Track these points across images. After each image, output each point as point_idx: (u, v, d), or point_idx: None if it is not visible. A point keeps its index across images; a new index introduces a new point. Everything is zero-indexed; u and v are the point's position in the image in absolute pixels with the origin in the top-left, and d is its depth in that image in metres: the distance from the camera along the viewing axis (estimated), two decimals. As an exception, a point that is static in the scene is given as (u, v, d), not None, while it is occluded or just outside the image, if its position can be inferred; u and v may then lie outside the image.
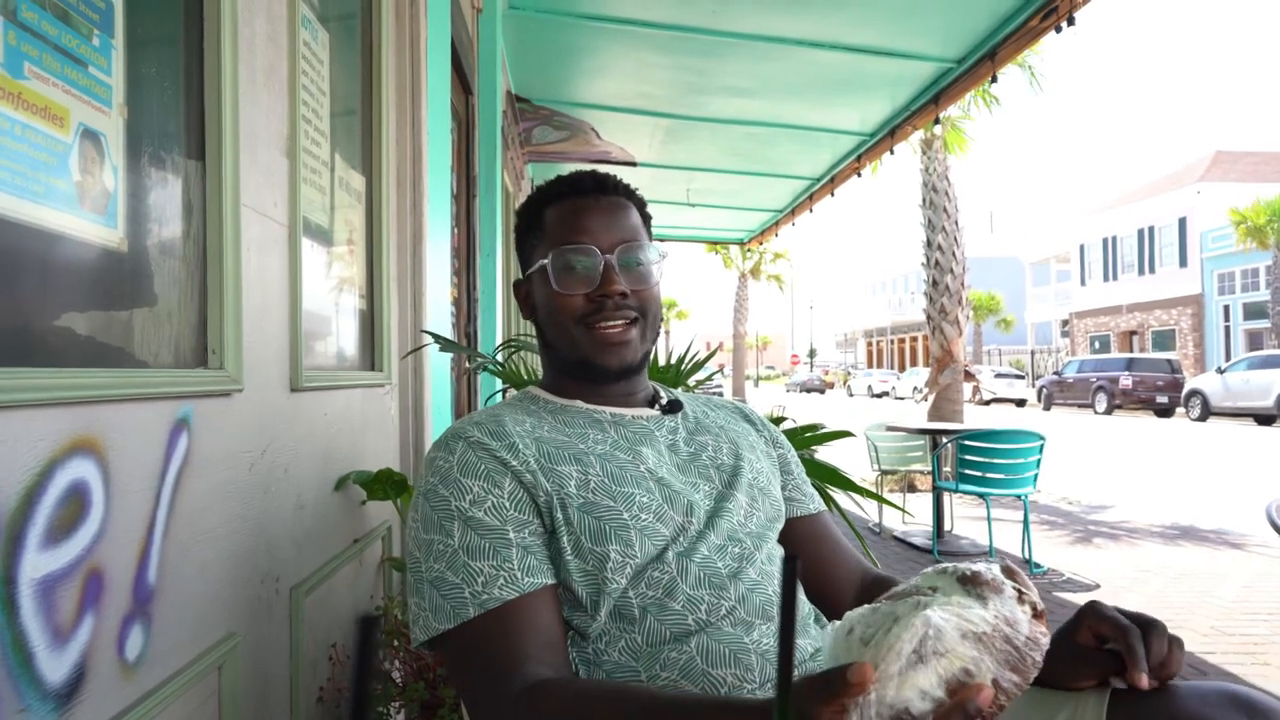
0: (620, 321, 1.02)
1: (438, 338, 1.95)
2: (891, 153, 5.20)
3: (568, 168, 6.45)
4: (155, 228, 0.98)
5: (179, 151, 1.04)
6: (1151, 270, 28.59)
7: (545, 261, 1.02)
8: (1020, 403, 25.74)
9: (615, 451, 0.98)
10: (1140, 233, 29.04)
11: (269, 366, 1.27)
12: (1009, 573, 0.64)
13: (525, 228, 1.09)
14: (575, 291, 1.01)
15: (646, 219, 1.11)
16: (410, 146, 2.13)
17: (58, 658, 0.76)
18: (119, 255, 0.91)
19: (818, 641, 0.99)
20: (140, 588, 0.89)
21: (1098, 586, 4.20)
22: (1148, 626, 0.81)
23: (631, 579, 0.89)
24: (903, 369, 43.41)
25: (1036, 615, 0.62)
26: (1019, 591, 0.62)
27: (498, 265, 3.62)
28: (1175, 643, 0.81)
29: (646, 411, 1.07)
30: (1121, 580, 4.33)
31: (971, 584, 0.63)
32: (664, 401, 1.11)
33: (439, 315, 2.34)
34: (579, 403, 1.05)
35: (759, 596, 0.93)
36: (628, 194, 1.09)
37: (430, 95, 2.23)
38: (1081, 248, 32.25)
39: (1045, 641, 0.62)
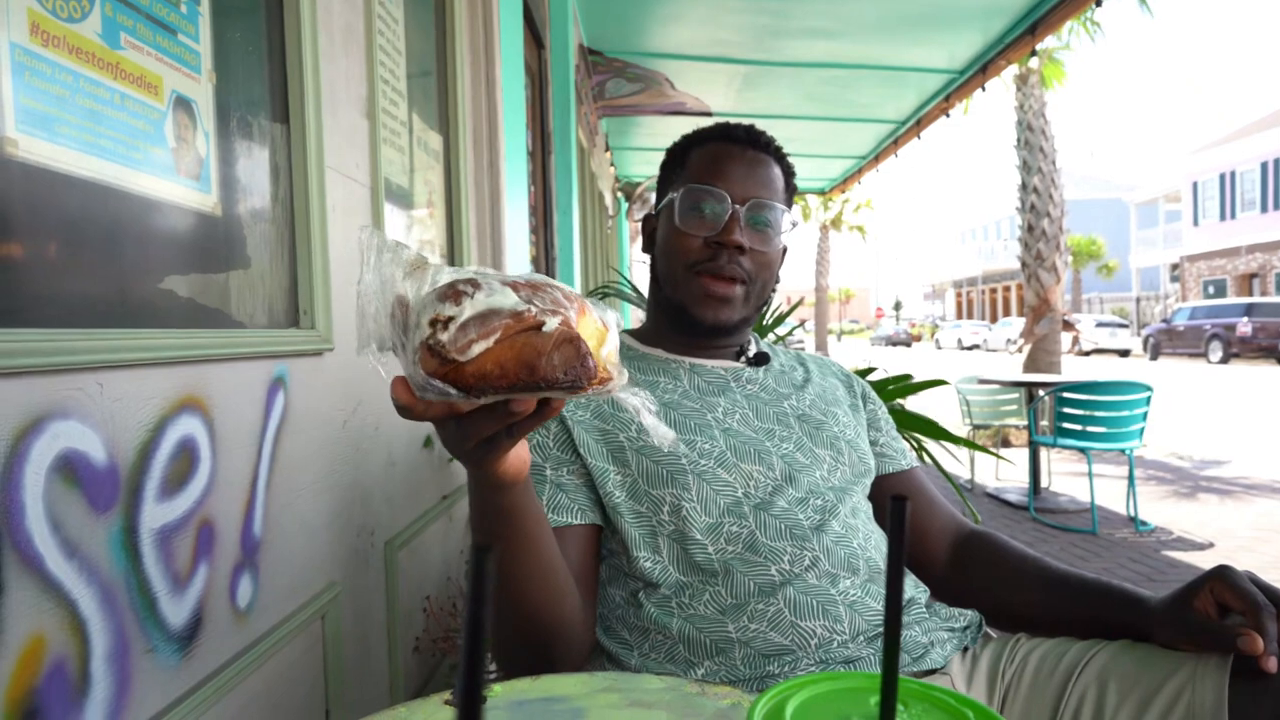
0: (729, 277, 0.99)
1: (518, 296, 1.97)
2: (983, 90, 4.90)
3: (643, 120, 6.36)
4: (246, 191, 1.01)
5: (265, 115, 1.06)
6: (1276, 206, 26.28)
7: (675, 196, 1.01)
8: (1124, 353, 24.36)
9: (683, 400, 0.99)
10: (1264, 166, 26.65)
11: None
12: (484, 317, 0.49)
13: (669, 164, 1.08)
14: (695, 233, 0.99)
15: (791, 188, 1.07)
16: (485, 104, 2.13)
17: (178, 603, 0.80)
18: (214, 219, 0.93)
19: (906, 592, 0.97)
20: (247, 538, 0.94)
21: (1211, 546, 3.97)
22: None
23: (710, 535, 0.89)
24: (994, 320, 41.66)
25: (430, 349, 0.49)
26: (438, 322, 0.49)
27: (574, 222, 3.62)
28: None
29: (728, 363, 1.06)
30: (1237, 540, 4.07)
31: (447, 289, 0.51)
32: (751, 354, 1.08)
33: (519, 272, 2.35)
34: (659, 351, 1.05)
35: (843, 549, 0.92)
36: (778, 155, 1.06)
37: (504, 51, 2.21)
38: (1195, 185, 29.90)
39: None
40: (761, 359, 1.08)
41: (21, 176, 0.65)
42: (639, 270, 9.82)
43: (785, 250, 1.08)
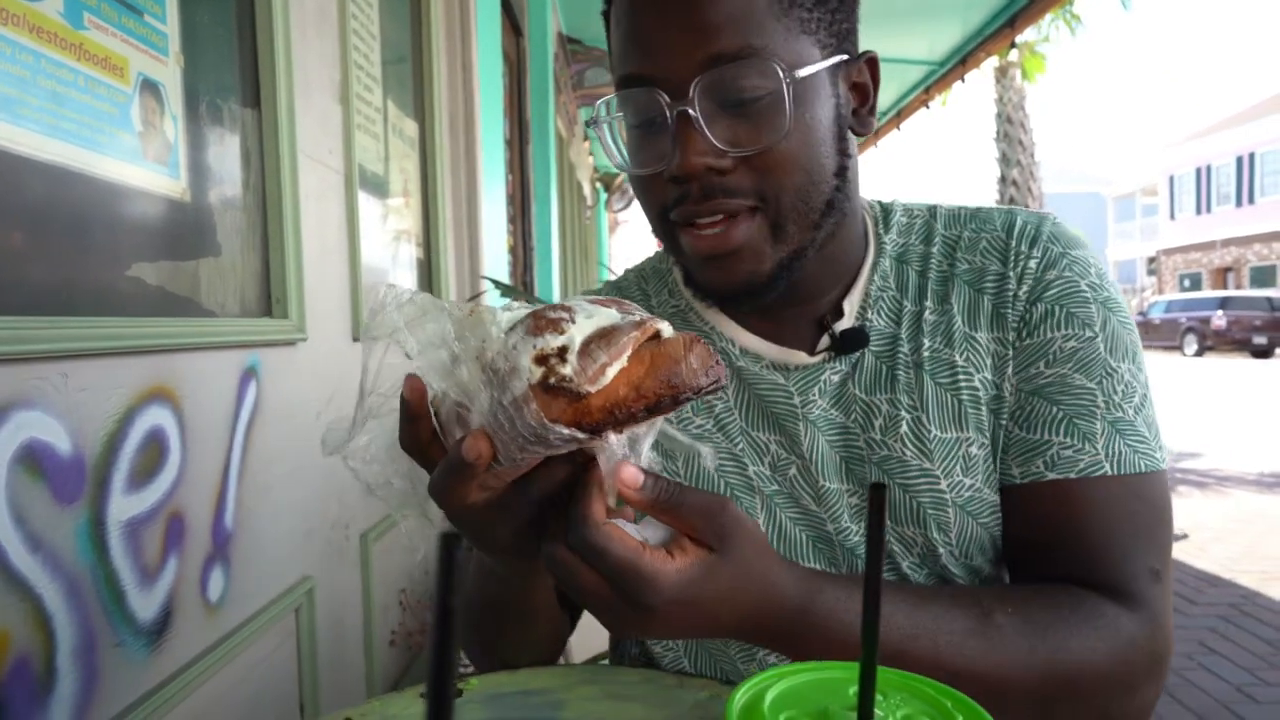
0: (714, 219, 0.61)
1: (497, 283, 1.95)
2: (963, 81, 4.93)
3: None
4: (216, 177, 0.99)
5: (235, 99, 1.04)
6: (1250, 201, 26.71)
7: (605, 114, 0.67)
8: (1099, 345, 24.66)
9: (717, 433, 0.69)
10: (1239, 160, 27.07)
11: (331, 315, 1.28)
12: (604, 335, 0.43)
13: (608, 37, 0.70)
14: (649, 168, 0.62)
15: None
16: (462, 91, 2.10)
17: (146, 596, 0.79)
18: (183, 206, 0.91)
19: None
20: (219, 531, 0.92)
21: (1185, 537, 4.04)
22: None
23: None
24: (972, 312, 42.05)
25: (551, 389, 0.42)
26: (552, 353, 0.42)
27: (553, 212, 3.60)
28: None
29: (798, 357, 0.69)
30: (1211, 531, 4.15)
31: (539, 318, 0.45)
32: (838, 330, 0.68)
33: (496, 263, 2.33)
34: (714, 318, 0.72)
35: None
36: None
37: (480, 37, 2.19)
38: (1171, 179, 30.31)
39: (527, 404, 0.42)
40: (854, 341, 0.67)
41: (-22, 159, 0.63)
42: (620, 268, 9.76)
43: (838, 94, 0.65)
